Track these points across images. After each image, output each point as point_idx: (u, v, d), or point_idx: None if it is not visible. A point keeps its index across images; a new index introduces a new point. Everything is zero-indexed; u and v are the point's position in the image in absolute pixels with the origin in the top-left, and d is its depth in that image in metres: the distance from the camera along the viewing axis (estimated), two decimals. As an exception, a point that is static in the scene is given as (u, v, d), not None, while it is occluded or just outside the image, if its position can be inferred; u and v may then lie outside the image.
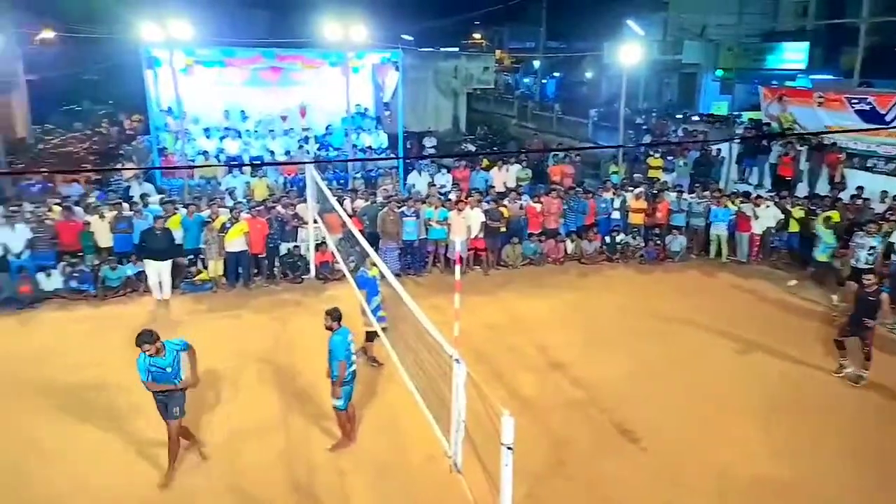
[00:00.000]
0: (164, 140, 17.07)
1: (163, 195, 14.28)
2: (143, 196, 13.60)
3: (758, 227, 14.04)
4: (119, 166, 18.25)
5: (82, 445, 7.50)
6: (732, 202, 14.34)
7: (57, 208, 12.47)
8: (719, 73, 29.23)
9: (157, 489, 6.76)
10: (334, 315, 7.15)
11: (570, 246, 14.37)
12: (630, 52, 18.63)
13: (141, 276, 12.01)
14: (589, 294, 12.68)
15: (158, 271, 11.56)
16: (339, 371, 7.04)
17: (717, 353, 10.10)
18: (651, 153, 18.19)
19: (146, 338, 6.46)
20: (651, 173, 17.40)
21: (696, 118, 24.97)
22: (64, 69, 29.30)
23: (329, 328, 7.14)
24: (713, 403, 8.62)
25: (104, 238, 12.19)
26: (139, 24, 15.11)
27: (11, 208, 12.20)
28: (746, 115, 22.98)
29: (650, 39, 31.05)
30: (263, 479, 6.98)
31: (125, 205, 12.78)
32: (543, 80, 43.80)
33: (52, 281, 11.63)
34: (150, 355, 6.48)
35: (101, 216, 12.26)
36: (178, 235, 12.30)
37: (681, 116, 25.58)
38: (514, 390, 8.72)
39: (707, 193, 14.81)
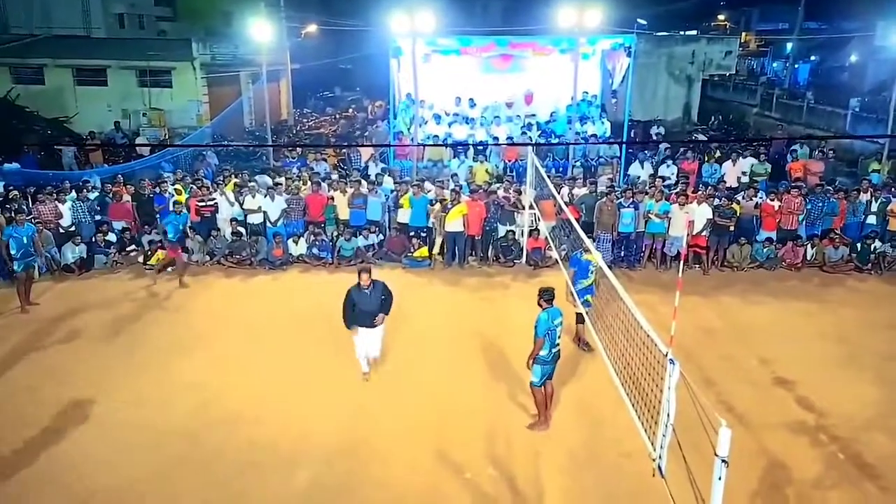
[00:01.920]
0: (399, 125, 18.39)
1: (393, 176, 15.37)
2: (379, 175, 14.85)
3: None
4: (355, 144, 20.10)
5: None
6: None
7: (307, 183, 14.11)
8: None
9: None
10: (544, 295, 7.35)
11: (810, 251, 12.85)
12: (911, 31, 15.99)
13: (368, 248, 13.17)
14: (828, 306, 11.25)
15: (367, 342, 8.50)
16: (534, 346, 7.23)
17: None
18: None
19: None
20: (924, 172, 14.88)
21: None
22: (321, 58, 32.90)
23: (539, 305, 7.35)
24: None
25: (344, 211, 13.53)
26: (389, 17, 16.40)
27: (275, 182, 14.07)
28: None
29: (939, 16, 26.25)
30: (465, 447, 7.32)
31: (363, 182, 14.05)
32: (795, 66, 39.34)
33: (298, 247, 13.22)
34: None
35: (343, 192, 13.61)
36: (405, 214, 13.24)
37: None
38: (727, 401, 8.09)
39: None
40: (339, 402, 8.26)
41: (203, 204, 13.33)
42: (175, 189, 13.55)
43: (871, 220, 13.00)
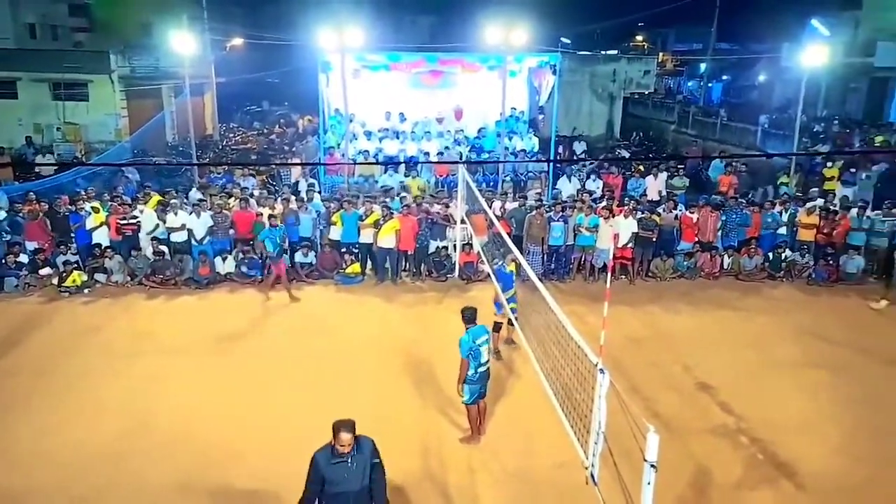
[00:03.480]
0: (329, 140, 18.24)
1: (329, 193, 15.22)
2: (309, 191, 14.66)
3: (956, 253, 12.38)
4: (286, 163, 19.78)
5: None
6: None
7: (235, 199, 13.76)
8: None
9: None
10: (465, 314, 7.39)
11: (727, 260, 13.48)
12: (813, 53, 17.17)
13: (304, 266, 12.94)
14: (745, 313, 11.81)
15: None
16: (461, 368, 7.24)
17: (893, 392, 9.00)
18: (828, 164, 16.63)
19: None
20: (827, 185, 15.92)
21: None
22: (248, 72, 32.28)
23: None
24: (882, 449, 7.71)
25: (273, 228, 13.25)
26: (317, 32, 16.28)
27: (199, 199, 13.65)
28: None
29: (837, 40, 28.31)
30: (400, 463, 7.22)
31: (293, 199, 13.80)
32: (709, 84, 41.46)
33: (226, 265, 12.86)
34: None
35: (272, 208, 13.34)
36: (337, 231, 13.11)
37: (867, 125, 23.10)
38: (654, 408, 8.35)
39: (895, 211, 13.28)
40: (270, 422, 8.05)
41: (125, 222, 12.80)
42: (92, 207, 12.95)
43: (782, 230, 13.77)
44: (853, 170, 16.22)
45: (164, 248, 12.71)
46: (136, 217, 12.94)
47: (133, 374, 9.17)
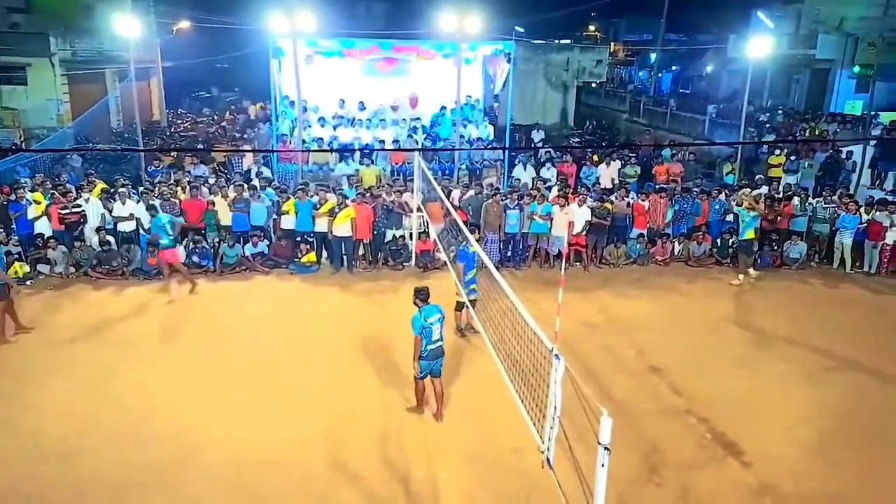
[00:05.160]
0: (282, 127, 17.92)
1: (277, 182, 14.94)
2: (262, 179, 14.38)
3: (892, 238, 12.96)
4: (239, 149, 19.39)
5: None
6: (866, 210, 13.28)
7: (184, 187, 13.41)
8: (856, 69, 26.98)
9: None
10: (419, 294, 7.62)
11: (677, 247, 13.82)
12: (758, 45, 17.66)
13: (256, 256, 12.73)
14: (695, 298, 12.15)
15: None
16: (414, 345, 7.49)
17: (835, 372, 9.39)
18: (775, 152, 17.19)
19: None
20: (772, 172, 16.44)
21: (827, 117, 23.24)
22: (196, 57, 31.37)
23: (415, 304, 7.58)
24: (825, 428, 8.06)
25: (226, 217, 12.98)
26: (268, 16, 15.93)
27: (146, 186, 13.26)
28: (885, 116, 21.14)
29: (780, 32, 29.18)
30: (359, 452, 7.26)
31: (245, 186, 13.52)
32: (659, 74, 42.25)
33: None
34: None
35: (224, 196, 13.06)
36: (289, 220, 12.92)
37: (808, 115, 23.92)
38: (608, 391, 8.53)
39: (835, 198, 13.80)
40: (227, 414, 7.92)
41: (67, 211, 12.35)
42: (34, 197, 12.44)
43: (730, 217, 14.15)
44: (795, 158, 16.79)
45: (110, 238, 12.31)
46: (79, 206, 12.50)
47: (80, 369, 8.88)
